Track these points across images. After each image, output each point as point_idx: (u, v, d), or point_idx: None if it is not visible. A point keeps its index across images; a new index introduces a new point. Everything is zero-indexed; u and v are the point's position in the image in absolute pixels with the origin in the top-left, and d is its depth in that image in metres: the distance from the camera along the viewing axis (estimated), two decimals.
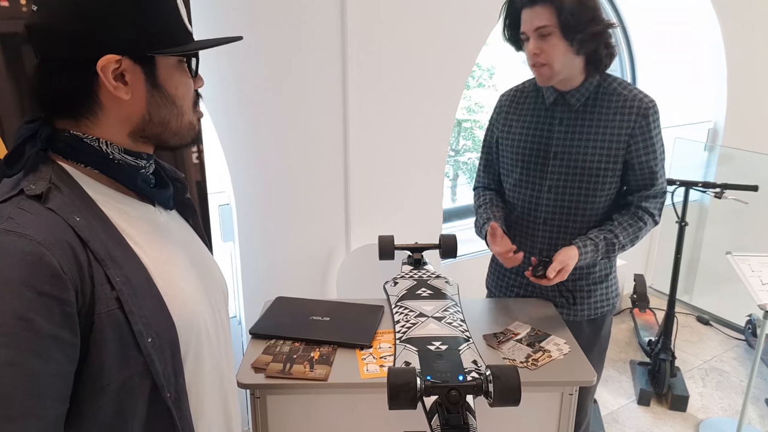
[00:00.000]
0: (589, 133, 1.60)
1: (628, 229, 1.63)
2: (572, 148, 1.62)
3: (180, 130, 0.85)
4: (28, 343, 0.66)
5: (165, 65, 0.81)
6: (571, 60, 1.54)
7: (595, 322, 1.77)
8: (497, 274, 1.90)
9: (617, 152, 1.59)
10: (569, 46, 1.51)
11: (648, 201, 1.65)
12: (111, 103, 0.79)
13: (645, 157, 1.60)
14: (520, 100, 1.74)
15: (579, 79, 1.59)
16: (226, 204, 2.27)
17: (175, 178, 0.96)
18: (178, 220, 0.96)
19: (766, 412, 2.79)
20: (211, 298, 0.92)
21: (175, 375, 0.81)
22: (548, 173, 1.65)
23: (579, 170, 1.62)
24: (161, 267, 0.82)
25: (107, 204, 0.80)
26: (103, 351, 0.73)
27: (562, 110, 1.64)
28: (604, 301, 1.77)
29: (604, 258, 1.64)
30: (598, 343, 1.80)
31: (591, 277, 1.73)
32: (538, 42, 1.52)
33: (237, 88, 2.12)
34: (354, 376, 1.35)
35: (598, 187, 1.62)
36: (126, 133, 0.82)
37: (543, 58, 1.53)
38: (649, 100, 1.59)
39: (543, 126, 1.66)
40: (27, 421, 0.65)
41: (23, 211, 0.72)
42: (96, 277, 0.73)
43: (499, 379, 1.12)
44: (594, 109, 1.61)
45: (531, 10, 1.51)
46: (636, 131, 1.58)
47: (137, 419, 0.77)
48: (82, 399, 0.73)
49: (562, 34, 1.49)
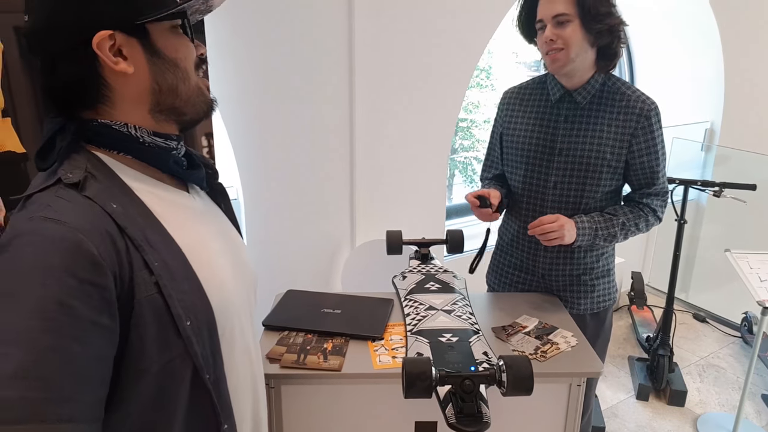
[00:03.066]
0: (594, 130, 1.63)
1: (629, 214, 1.67)
2: (577, 144, 1.64)
3: (190, 95, 0.85)
4: (69, 328, 0.67)
5: (159, 32, 0.81)
6: (585, 50, 1.57)
7: (598, 316, 1.81)
8: (498, 270, 1.93)
9: (620, 151, 1.62)
10: (586, 35, 1.54)
11: (649, 198, 1.69)
12: (119, 83, 0.79)
13: (647, 158, 1.64)
14: (525, 97, 1.77)
15: (587, 74, 1.62)
16: (234, 199, 2.29)
17: (206, 164, 0.98)
18: (211, 205, 0.97)
19: (762, 408, 2.84)
20: (244, 282, 0.94)
21: (213, 357, 0.82)
22: (553, 169, 1.68)
23: (584, 166, 1.64)
24: (197, 251, 0.83)
25: (142, 190, 0.82)
26: (144, 335, 0.74)
27: (568, 107, 1.66)
28: (606, 295, 1.81)
29: (606, 239, 1.65)
30: (601, 336, 1.83)
31: (594, 272, 1.77)
32: (555, 29, 1.54)
33: (245, 85, 2.14)
34: (367, 367, 1.38)
35: (601, 182, 1.65)
36: (146, 111, 0.82)
37: (559, 44, 1.55)
38: (651, 102, 1.63)
39: (548, 122, 1.69)
40: (69, 405, 0.67)
41: (61, 199, 0.73)
42: (134, 262, 0.74)
43: (512, 369, 1.15)
44: (599, 107, 1.63)
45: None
46: (638, 132, 1.61)
47: (179, 402, 0.79)
48: (125, 383, 0.74)
49: (582, 22, 1.52)
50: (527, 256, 1.80)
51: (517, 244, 1.83)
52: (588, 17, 1.51)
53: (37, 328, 0.65)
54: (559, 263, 1.76)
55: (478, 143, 6.39)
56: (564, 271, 1.76)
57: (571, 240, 1.59)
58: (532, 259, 1.79)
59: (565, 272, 1.76)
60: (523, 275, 1.84)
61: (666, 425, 2.70)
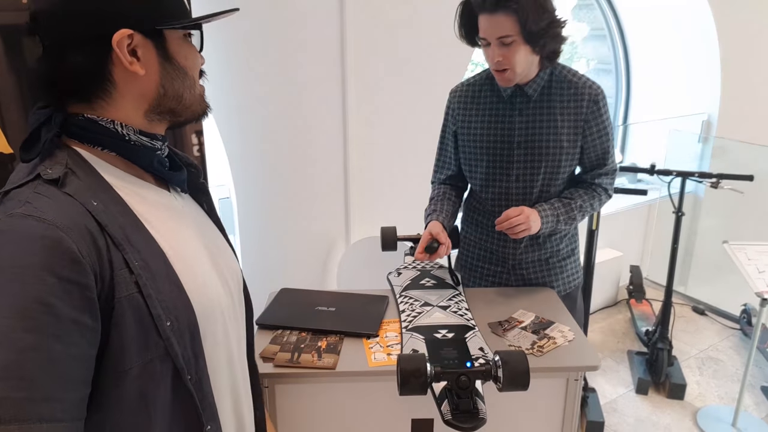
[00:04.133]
0: (549, 120, 1.65)
1: (584, 196, 1.71)
2: (534, 136, 1.66)
3: (192, 101, 0.86)
4: (49, 327, 0.66)
5: (173, 39, 0.82)
6: (531, 61, 1.58)
7: (569, 296, 1.85)
8: (467, 265, 1.90)
9: (575, 136, 1.66)
10: (532, 51, 1.54)
11: (601, 178, 1.73)
12: (125, 81, 0.79)
13: (599, 140, 1.68)
14: (476, 94, 1.75)
15: (534, 72, 1.63)
16: (226, 197, 2.27)
17: (189, 163, 0.97)
18: (193, 205, 0.96)
19: (761, 399, 2.83)
20: (227, 283, 0.92)
21: (195, 358, 0.81)
22: (514, 163, 1.68)
23: (544, 157, 1.66)
24: (178, 251, 0.82)
25: (124, 188, 0.80)
26: (124, 335, 0.73)
27: (521, 101, 1.66)
28: (574, 274, 1.86)
29: (566, 220, 1.67)
30: (576, 317, 1.83)
31: (559, 254, 1.80)
32: (500, 49, 1.53)
33: (237, 81, 2.12)
34: (362, 365, 1.36)
35: (561, 170, 1.68)
36: (143, 111, 0.82)
37: (506, 64, 1.54)
38: (597, 87, 1.66)
39: (504, 117, 1.68)
40: (51, 404, 0.65)
41: (40, 195, 0.72)
42: (115, 261, 0.73)
43: (508, 364, 1.13)
44: (550, 97, 1.66)
45: (491, 18, 1.50)
46: (589, 116, 1.65)
47: (160, 403, 0.78)
48: (105, 383, 0.73)
49: (526, 41, 1.51)
50: (496, 248, 1.79)
51: (486, 238, 1.81)
52: (531, 36, 1.49)
53: (18, 328, 0.64)
54: (528, 251, 1.77)
55: None
56: (532, 257, 1.77)
57: (537, 229, 1.61)
58: (501, 250, 1.78)
59: (533, 258, 1.77)
60: (492, 267, 1.83)
61: (665, 419, 2.69)
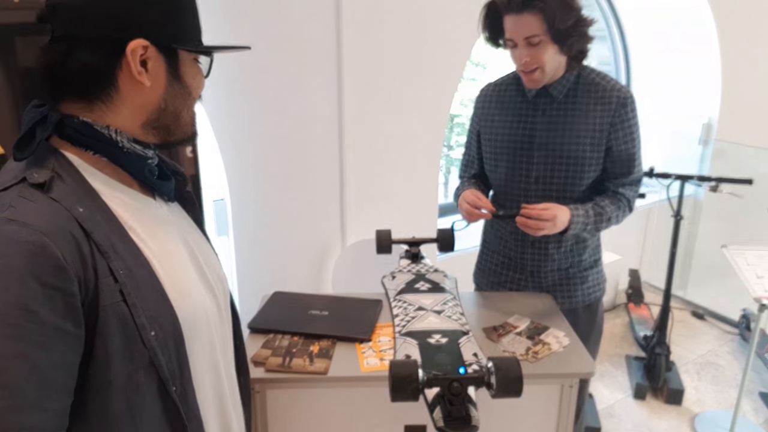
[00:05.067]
0: (572, 123, 1.62)
1: (611, 206, 1.65)
2: (556, 138, 1.63)
3: (188, 122, 0.87)
4: (32, 334, 0.65)
5: (185, 59, 0.83)
6: (559, 61, 1.56)
7: (590, 308, 1.80)
8: (486, 270, 1.89)
9: (600, 140, 1.62)
10: (559, 51, 1.52)
11: (625, 188, 1.67)
12: (129, 89, 0.79)
13: (625, 145, 1.63)
14: (501, 93, 1.74)
15: (560, 72, 1.61)
16: (220, 199, 2.26)
17: (176, 171, 0.96)
18: (179, 213, 0.95)
19: (760, 405, 2.81)
20: (213, 292, 0.91)
21: (180, 368, 0.80)
22: (534, 164, 1.66)
23: (565, 159, 1.63)
24: (164, 260, 0.81)
25: (110, 195, 0.79)
26: (109, 344, 0.72)
27: (545, 102, 1.64)
28: (595, 285, 1.80)
29: (593, 229, 1.64)
30: (595, 329, 1.82)
31: (582, 264, 1.76)
32: (527, 49, 1.51)
33: (232, 82, 2.10)
34: (354, 370, 1.34)
35: (583, 174, 1.64)
36: (140, 122, 0.82)
37: (534, 64, 1.53)
38: (627, 91, 1.62)
39: (526, 118, 1.67)
40: (34, 413, 0.64)
41: (25, 199, 0.70)
42: (99, 268, 0.72)
43: (501, 371, 1.12)
44: (575, 99, 1.62)
45: (518, 17, 1.49)
46: (616, 120, 1.60)
47: (145, 414, 0.76)
48: (90, 394, 0.72)
49: (553, 39, 1.49)
50: (515, 254, 1.77)
51: (505, 243, 1.80)
52: (558, 35, 1.48)
53: (0, 335, 0.63)
54: (548, 259, 1.73)
55: None
56: (553, 266, 1.74)
57: (558, 230, 1.55)
58: (520, 256, 1.76)
59: (553, 267, 1.74)
60: (511, 274, 1.81)
61: (663, 424, 2.67)
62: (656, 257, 3.89)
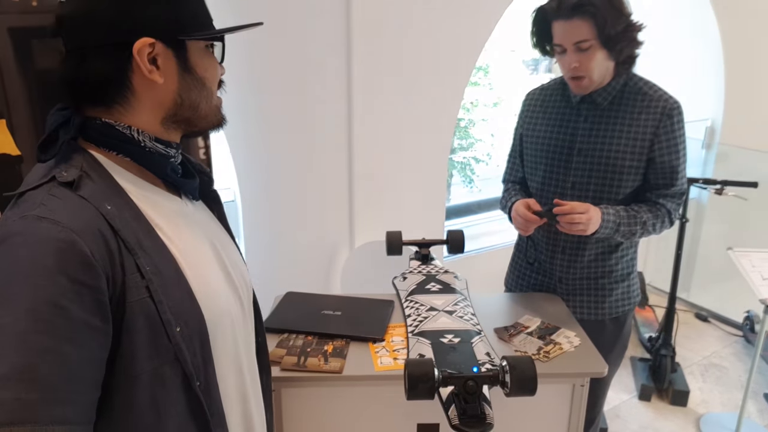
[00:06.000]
0: (614, 130, 1.60)
1: (648, 213, 1.61)
2: (596, 144, 1.61)
3: (209, 113, 0.87)
4: (62, 330, 0.66)
5: (195, 49, 0.83)
6: (607, 67, 1.55)
7: (617, 320, 1.76)
8: (517, 272, 1.89)
9: (642, 150, 1.59)
10: (608, 56, 1.51)
11: (666, 199, 1.64)
12: (143, 88, 0.79)
13: (668, 156, 1.60)
14: (546, 98, 1.74)
15: (608, 79, 1.59)
16: (231, 200, 2.28)
17: (202, 171, 0.97)
18: (205, 212, 0.96)
19: (765, 407, 2.82)
20: (237, 290, 0.93)
21: (204, 364, 0.81)
22: (572, 170, 1.65)
23: (603, 166, 1.61)
24: (189, 258, 0.82)
25: (137, 194, 0.80)
26: (135, 339, 0.73)
27: (588, 108, 1.63)
28: (626, 299, 1.76)
29: (626, 232, 1.59)
30: (620, 342, 1.79)
31: (613, 275, 1.72)
32: (577, 55, 1.50)
33: (243, 86, 2.13)
34: (368, 369, 1.36)
35: (622, 183, 1.61)
36: (159, 118, 0.83)
37: (582, 71, 1.52)
38: (674, 101, 1.59)
39: (568, 123, 1.66)
40: (63, 406, 0.66)
41: (55, 197, 0.72)
42: (127, 265, 0.73)
43: (516, 369, 1.13)
44: (620, 107, 1.60)
45: (567, 23, 1.48)
46: (660, 130, 1.57)
47: (170, 408, 0.78)
48: (116, 388, 0.73)
49: (602, 44, 1.48)
50: (545, 258, 1.77)
51: (536, 246, 1.80)
52: (608, 40, 1.47)
53: (31, 330, 0.65)
54: (576, 266, 1.71)
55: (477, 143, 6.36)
56: (582, 274, 1.72)
57: (592, 231, 1.53)
58: (549, 261, 1.75)
59: (582, 275, 1.72)
60: (540, 277, 1.81)
61: (668, 425, 2.68)
62: (660, 260, 3.90)
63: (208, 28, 0.84)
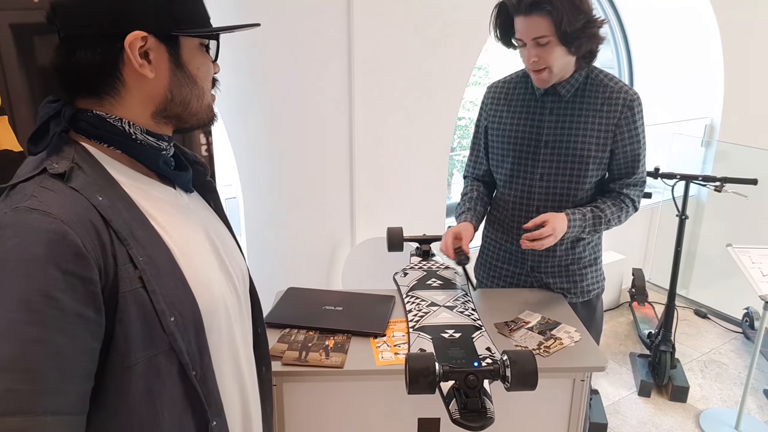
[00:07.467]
0: (579, 122, 1.65)
1: (612, 207, 1.69)
2: (563, 136, 1.66)
3: (199, 110, 0.86)
4: (54, 320, 0.66)
5: (188, 46, 0.82)
6: (568, 61, 1.59)
7: (589, 304, 1.83)
8: (487, 265, 1.91)
9: (605, 141, 1.65)
10: (567, 51, 1.55)
11: (629, 188, 1.71)
12: (134, 82, 0.79)
13: (630, 147, 1.66)
14: (510, 91, 1.77)
15: (569, 72, 1.63)
16: (233, 197, 2.28)
17: (196, 161, 0.97)
18: (200, 203, 0.96)
19: (764, 403, 2.83)
20: (233, 280, 0.93)
21: (200, 354, 0.81)
22: (540, 162, 1.69)
23: (570, 158, 1.66)
24: (184, 248, 0.82)
25: (130, 185, 0.80)
26: (128, 329, 0.73)
27: (552, 100, 1.67)
28: (595, 283, 1.83)
29: (591, 231, 1.67)
30: (594, 326, 1.84)
31: (582, 261, 1.78)
32: (536, 50, 1.54)
33: (245, 84, 2.13)
34: (369, 364, 1.37)
35: (588, 173, 1.67)
36: (149, 113, 0.82)
37: (542, 64, 1.56)
38: (633, 93, 1.65)
39: (533, 116, 1.70)
40: (56, 397, 0.66)
41: (46, 189, 0.72)
42: (119, 256, 0.73)
43: (517, 364, 1.14)
44: (583, 99, 1.65)
45: (527, 19, 1.51)
46: (622, 121, 1.63)
47: (166, 398, 0.78)
48: (111, 379, 0.73)
49: (561, 42, 1.52)
50: (516, 248, 1.79)
51: (507, 238, 1.82)
52: (566, 36, 1.50)
53: (23, 321, 0.65)
54: (548, 255, 1.76)
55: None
56: (552, 263, 1.77)
57: (562, 234, 1.59)
58: (520, 252, 1.79)
59: (553, 263, 1.77)
60: (511, 269, 1.84)
61: (668, 421, 2.69)
62: (660, 257, 3.91)
63: (203, 25, 0.83)
